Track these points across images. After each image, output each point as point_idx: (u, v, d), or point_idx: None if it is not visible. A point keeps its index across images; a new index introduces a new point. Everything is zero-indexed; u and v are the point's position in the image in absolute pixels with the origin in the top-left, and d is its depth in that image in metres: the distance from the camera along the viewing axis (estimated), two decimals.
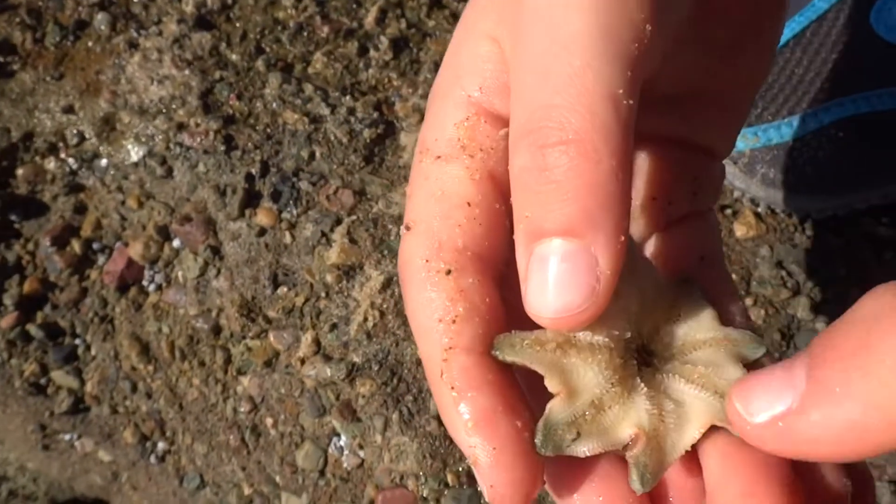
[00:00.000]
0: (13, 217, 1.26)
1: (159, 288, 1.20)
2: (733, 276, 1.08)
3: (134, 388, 1.20)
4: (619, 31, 0.34)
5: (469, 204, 0.39)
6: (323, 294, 1.07)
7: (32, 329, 1.23)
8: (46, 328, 1.22)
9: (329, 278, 1.06)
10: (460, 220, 0.39)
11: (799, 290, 1.04)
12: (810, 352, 0.32)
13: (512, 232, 0.38)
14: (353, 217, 1.12)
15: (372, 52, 1.25)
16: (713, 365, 0.41)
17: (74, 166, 1.24)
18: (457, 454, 1.01)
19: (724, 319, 0.44)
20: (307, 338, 1.07)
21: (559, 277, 0.35)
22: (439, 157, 0.40)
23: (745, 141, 1.10)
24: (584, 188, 0.34)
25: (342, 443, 1.06)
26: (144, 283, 1.21)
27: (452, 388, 0.36)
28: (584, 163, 0.34)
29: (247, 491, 1.13)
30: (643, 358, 0.41)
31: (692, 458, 0.40)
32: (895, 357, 0.28)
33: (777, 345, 1.04)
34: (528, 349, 0.38)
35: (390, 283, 1.06)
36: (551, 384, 0.39)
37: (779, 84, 1.04)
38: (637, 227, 0.52)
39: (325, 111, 1.20)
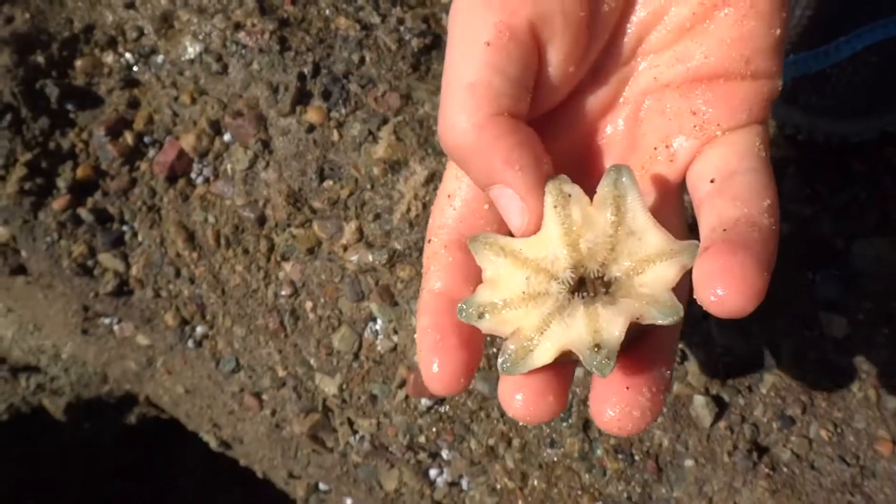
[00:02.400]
0: (69, 106, 1.35)
1: (207, 180, 1.29)
2: None
3: (178, 274, 1.29)
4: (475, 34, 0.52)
5: (449, 196, 0.59)
6: (368, 186, 1.17)
7: (83, 213, 1.32)
8: (96, 213, 1.32)
9: (375, 171, 1.16)
10: (442, 208, 0.60)
11: (824, 208, 1.12)
12: None
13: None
14: (400, 118, 1.21)
15: None
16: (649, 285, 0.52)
17: (132, 60, 1.34)
18: (488, 338, 1.10)
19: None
20: (351, 226, 1.16)
21: (505, 210, 0.55)
22: (448, 163, 0.62)
23: (785, 71, 1.18)
24: (470, 153, 0.53)
25: (378, 326, 1.15)
26: (193, 175, 1.30)
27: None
28: (461, 137, 0.52)
29: (281, 373, 1.23)
30: (585, 288, 0.53)
31: None
32: None
33: (801, 259, 1.12)
34: (481, 245, 0.54)
35: (433, 177, 1.15)
36: (484, 274, 0.54)
37: (811, 15, 1.12)
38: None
39: (376, 20, 1.29)
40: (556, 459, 1.11)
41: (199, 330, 1.32)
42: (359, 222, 1.21)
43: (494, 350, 1.15)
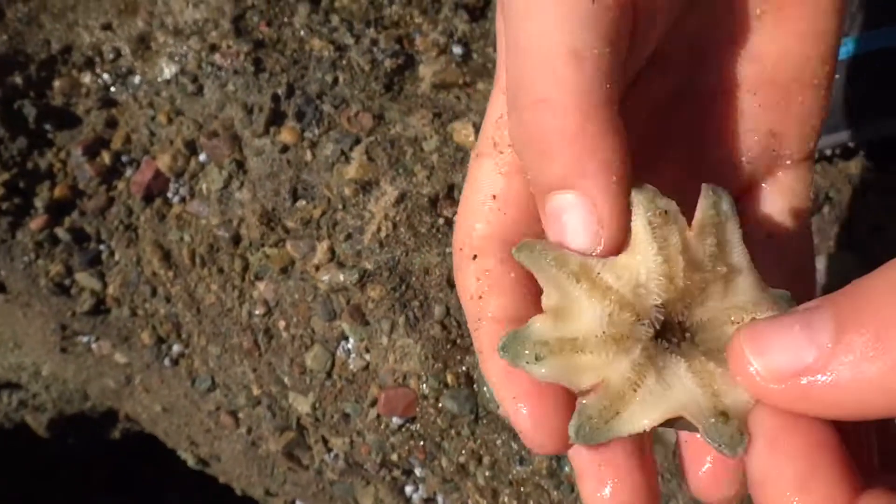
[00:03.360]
0: (47, 126, 1.38)
1: (183, 200, 1.31)
2: None
3: (154, 292, 1.31)
4: None
5: (494, 196, 0.45)
6: (340, 206, 1.19)
7: (60, 232, 1.34)
8: (73, 232, 1.34)
9: (347, 192, 1.18)
10: (486, 212, 0.45)
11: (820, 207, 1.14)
12: (835, 308, 0.33)
13: None
14: (372, 138, 1.23)
15: None
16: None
17: (109, 81, 1.36)
18: (457, 356, 1.12)
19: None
20: (322, 246, 1.18)
21: (567, 227, 0.40)
22: (478, 154, 0.47)
23: None
24: (561, 142, 0.38)
25: (350, 345, 1.17)
26: (169, 194, 1.33)
27: (482, 351, 0.45)
28: (552, 119, 0.38)
29: (255, 392, 1.25)
30: (666, 332, 0.41)
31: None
32: None
33: None
34: (542, 259, 0.41)
35: (403, 198, 1.17)
36: (546, 299, 0.41)
37: None
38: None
39: (350, 41, 1.31)
40: (525, 477, 1.13)
41: (175, 348, 1.35)
42: (330, 242, 1.23)
43: (465, 367, 1.18)
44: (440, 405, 1.16)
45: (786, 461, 0.34)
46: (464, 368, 1.16)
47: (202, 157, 1.35)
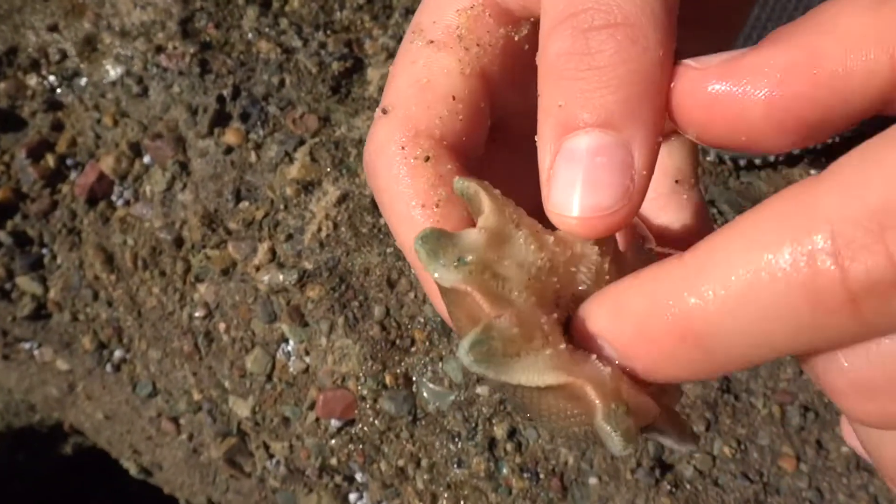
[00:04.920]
0: None
1: (127, 203, 1.31)
2: None
3: (95, 297, 1.30)
4: None
5: (454, 97, 0.39)
6: (282, 207, 1.19)
7: (2, 236, 1.34)
8: (15, 236, 1.33)
9: (288, 192, 1.18)
10: (442, 112, 0.39)
11: None
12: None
13: (489, 135, 0.39)
14: (316, 139, 1.24)
15: None
16: None
17: (55, 83, 1.37)
18: (396, 357, 1.12)
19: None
20: (264, 247, 1.18)
21: (591, 173, 0.34)
22: (433, 41, 0.40)
23: None
24: (630, 76, 0.33)
25: (290, 347, 1.17)
26: (113, 197, 1.32)
27: None
28: (632, 48, 0.33)
29: (196, 397, 1.24)
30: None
31: None
32: None
33: None
34: (496, 196, 0.39)
35: (346, 198, 1.17)
36: (484, 220, 0.39)
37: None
38: None
39: (298, 43, 1.32)
40: (463, 479, 1.12)
41: (117, 354, 1.34)
42: (272, 243, 1.23)
43: (404, 367, 1.17)
44: (378, 407, 1.15)
45: None
46: (402, 369, 1.15)
47: (146, 158, 1.35)
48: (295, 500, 1.28)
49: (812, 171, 1.22)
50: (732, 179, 1.22)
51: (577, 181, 0.34)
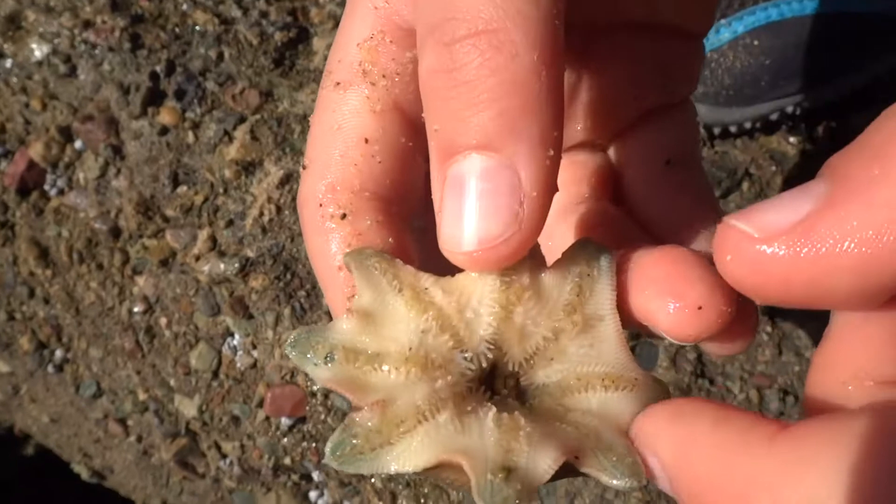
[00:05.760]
0: None
1: (61, 192, 1.23)
2: None
3: (31, 294, 1.22)
4: None
5: (367, 140, 0.37)
6: (221, 191, 1.11)
7: None
8: None
9: (228, 174, 1.10)
10: (356, 159, 0.36)
11: None
12: (825, 171, 0.28)
13: (425, 168, 0.36)
14: (258, 116, 1.15)
15: None
16: (590, 423, 0.36)
17: None
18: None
19: (682, 262, 0.37)
20: (203, 234, 1.10)
21: (475, 203, 0.31)
22: (339, 83, 0.37)
23: None
24: (501, 88, 0.30)
25: (235, 342, 1.09)
26: (46, 187, 1.24)
27: None
28: (498, 57, 0.29)
29: (142, 396, 1.17)
30: (496, 381, 0.37)
31: None
32: None
33: None
34: (367, 259, 0.36)
35: (289, 179, 1.09)
36: (358, 300, 0.36)
37: None
38: (597, 130, 0.47)
39: (237, 13, 1.23)
40: (422, 477, 1.05)
41: (58, 354, 1.26)
42: (211, 230, 1.15)
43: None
44: (329, 403, 1.08)
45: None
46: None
47: (78, 143, 1.26)
48: (253, 500, 1.21)
49: (791, 139, 1.14)
50: (707, 149, 1.13)
51: (462, 212, 0.31)
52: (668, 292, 0.34)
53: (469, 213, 0.31)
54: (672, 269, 0.35)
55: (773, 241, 0.27)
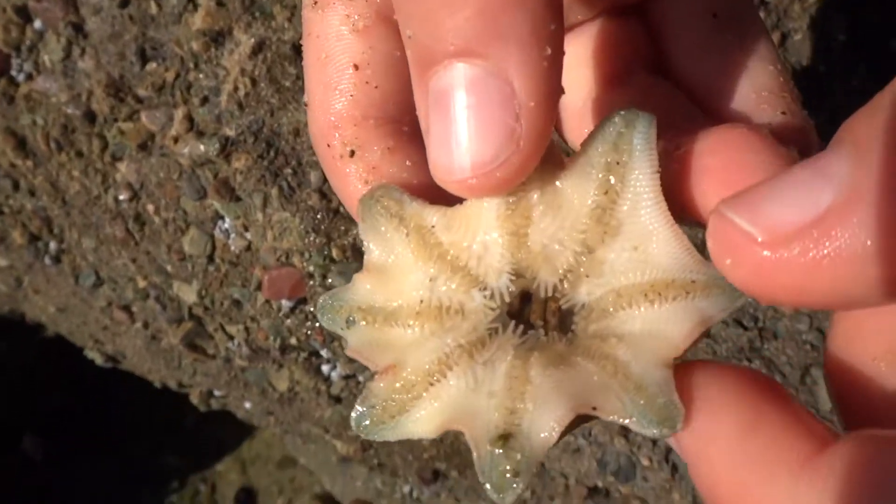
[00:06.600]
0: None
1: (29, 76, 1.16)
2: None
3: (16, 186, 1.19)
4: None
5: (357, 67, 0.33)
6: (192, 65, 1.04)
7: None
8: None
9: (196, 46, 1.01)
10: (350, 90, 0.33)
11: None
12: (845, 140, 0.23)
13: None
14: None
15: None
16: (638, 343, 0.30)
17: None
18: (341, 227, 1.00)
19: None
20: (179, 114, 1.04)
21: (465, 121, 0.26)
22: (316, 3, 0.33)
23: None
24: None
25: (227, 225, 1.06)
26: (13, 72, 1.18)
27: None
28: None
29: (141, 284, 1.15)
30: (535, 311, 0.33)
31: None
32: None
33: None
34: (380, 214, 0.33)
35: (262, 47, 1.01)
36: (368, 254, 0.34)
37: None
38: None
39: None
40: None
41: (52, 245, 1.24)
42: (187, 108, 1.08)
43: (351, 237, 1.05)
44: (329, 283, 1.05)
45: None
46: (349, 240, 1.04)
47: (37, 24, 1.18)
48: (266, 377, 1.22)
49: None
50: None
51: (450, 133, 0.27)
52: (727, 185, 0.28)
53: (458, 133, 0.27)
54: (733, 156, 0.29)
55: (784, 246, 0.23)
